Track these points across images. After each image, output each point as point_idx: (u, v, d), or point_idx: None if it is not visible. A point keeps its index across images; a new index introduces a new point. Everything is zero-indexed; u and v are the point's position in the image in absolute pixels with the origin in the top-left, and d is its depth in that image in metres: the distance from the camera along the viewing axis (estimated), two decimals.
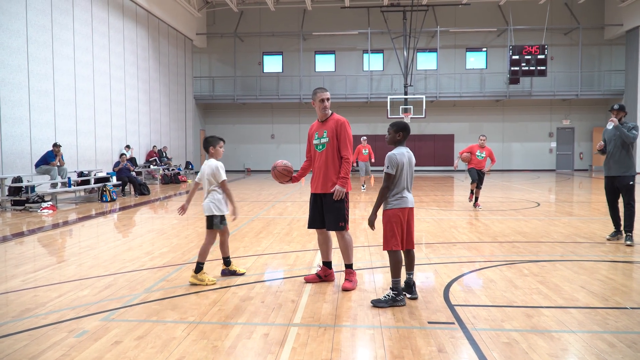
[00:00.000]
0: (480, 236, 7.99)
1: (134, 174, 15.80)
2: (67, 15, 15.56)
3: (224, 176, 5.37)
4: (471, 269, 5.84)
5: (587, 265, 5.97)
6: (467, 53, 28.53)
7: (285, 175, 5.38)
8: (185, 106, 26.52)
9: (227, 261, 5.57)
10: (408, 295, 4.65)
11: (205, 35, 28.46)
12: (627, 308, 4.39)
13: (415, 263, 6.07)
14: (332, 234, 5.32)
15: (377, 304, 4.47)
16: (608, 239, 7.50)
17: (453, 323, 4.05)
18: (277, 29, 28.22)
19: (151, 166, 19.95)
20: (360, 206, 12.13)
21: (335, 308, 4.44)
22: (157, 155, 21.17)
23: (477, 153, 11.49)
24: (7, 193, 11.52)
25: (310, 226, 5.34)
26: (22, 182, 11.94)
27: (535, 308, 4.41)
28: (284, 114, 29.29)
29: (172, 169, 20.68)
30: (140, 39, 20.88)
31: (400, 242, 4.52)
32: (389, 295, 4.49)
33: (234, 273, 5.54)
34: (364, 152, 16.11)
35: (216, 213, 5.36)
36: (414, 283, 4.70)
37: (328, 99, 5.18)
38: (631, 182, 7.24)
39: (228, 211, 5.45)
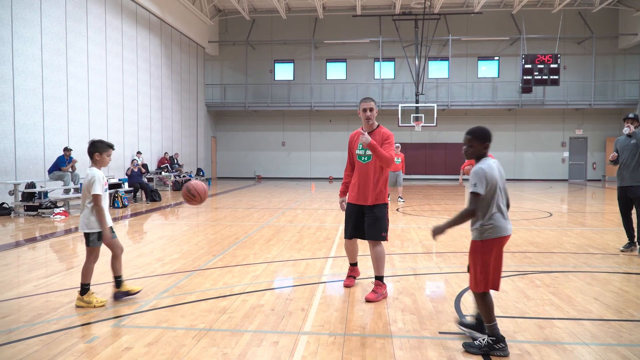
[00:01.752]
0: None
1: (145, 180, 15.90)
2: (81, 23, 15.77)
3: (96, 190, 4.65)
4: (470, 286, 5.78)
5: (601, 277, 5.89)
6: (479, 62, 28.45)
7: (191, 198, 4.98)
8: (196, 113, 26.70)
9: (117, 281, 4.88)
10: (479, 335, 3.77)
11: (217, 43, 28.68)
12: None
13: (426, 272, 6.06)
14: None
15: (468, 348, 3.66)
16: (622, 250, 7.41)
17: (464, 333, 4.01)
18: (289, 37, 28.37)
19: (162, 173, 20.06)
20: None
21: (345, 317, 4.42)
22: (169, 162, 21.30)
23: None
24: (20, 199, 11.63)
25: (352, 236, 5.25)
26: (35, 187, 12.06)
27: (548, 319, 4.36)
28: (294, 122, 29.37)
29: (183, 176, 20.79)
30: (153, 46, 21.09)
31: (493, 281, 3.63)
32: (483, 340, 3.62)
33: (127, 294, 4.87)
34: (396, 160, 13.73)
35: (88, 231, 4.73)
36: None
37: (371, 109, 5.15)
38: None
39: (101, 227, 4.74)
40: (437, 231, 3.75)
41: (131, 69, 19.22)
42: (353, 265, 5.57)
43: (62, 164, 12.88)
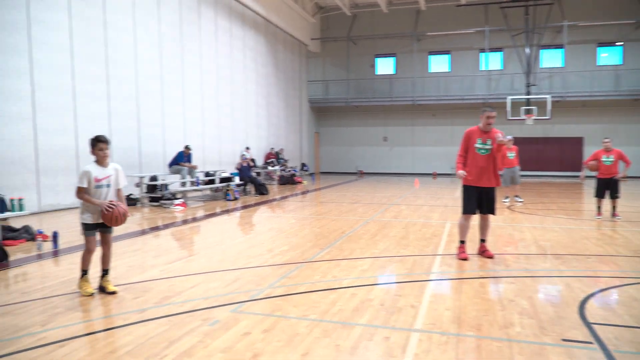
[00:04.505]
0: (618, 249, 7.28)
1: (254, 174, 16.61)
2: (194, 26, 16.79)
3: (80, 183, 4.79)
4: (610, 284, 5.35)
5: None
6: (599, 49, 26.22)
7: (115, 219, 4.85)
8: (300, 109, 27.40)
9: (102, 272, 5.00)
10: None
11: (319, 40, 29.13)
12: None
13: (544, 274, 5.72)
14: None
15: None
16: None
17: (591, 343, 3.73)
18: (390, 31, 28.08)
19: (269, 167, 20.84)
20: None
21: (457, 316, 4.30)
22: (275, 157, 22.06)
23: (602, 158, 10.31)
24: (145, 190, 12.66)
25: (473, 212, 6.60)
26: (157, 180, 13.07)
27: None
28: (396, 117, 29.07)
29: (288, 170, 21.43)
30: (259, 45, 21.93)
31: None
32: None
33: (102, 289, 4.92)
34: (509, 155, 13.06)
35: (80, 221, 4.92)
36: None
37: (493, 117, 6.52)
38: None
39: (92, 219, 4.85)
40: None
41: (239, 68, 20.15)
42: (482, 241, 6.75)
43: (181, 159, 13.83)
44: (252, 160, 18.38)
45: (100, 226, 4.91)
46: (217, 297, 4.76)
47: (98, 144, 4.87)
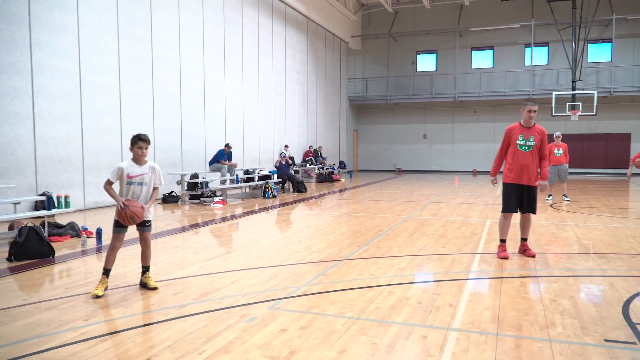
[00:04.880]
0: None
1: (292, 172, 16.73)
2: (237, 25, 17.04)
3: (110, 176, 4.89)
4: None
5: None
6: None
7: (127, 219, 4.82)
8: (339, 107, 27.40)
9: (143, 269, 5.09)
10: None
11: (360, 37, 29.04)
12: None
13: (586, 274, 5.56)
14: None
15: None
16: None
17: (636, 343, 3.62)
18: (432, 27, 27.71)
19: (307, 165, 20.94)
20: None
21: (497, 315, 4.23)
22: (313, 155, 22.16)
23: None
24: (186, 188, 12.96)
25: (512, 210, 6.45)
26: (198, 178, 13.35)
27: None
28: (436, 114, 28.69)
29: (327, 168, 21.48)
30: (299, 44, 22.06)
31: None
32: None
33: (144, 285, 5.01)
34: (556, 152, 12.72)
35: (114, 217, 4.94)
36: None
37: (535, 111, 6.36)
38: None
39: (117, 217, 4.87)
40: None
41: (280, 66, 20.33)
42: (523, 240, 6.60)
43: (221, 157, 14.08)
44: (291, 158, 18.53)
45: (138, 224, 5.00)
46: (254, 294, 4.83)
47: (138, 142, 4.90)
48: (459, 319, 4.17)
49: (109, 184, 4.88)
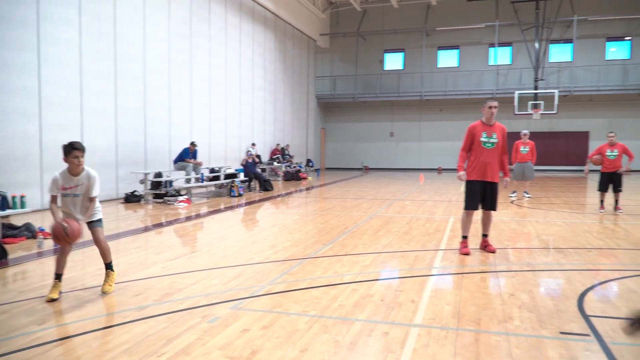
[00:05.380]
0: (619, 242, 7.25)
1: (259, 170, 16.63)
2: (204, 22, 16.82)
3: (49, 191, 4.65)
4: (609, 277, 5.33)
5: None
6: (607, 43, 25.97)
7: (61, 237, 4.46)
8: (307, 105, 27.39)
9: (106, 267, 4.92)
10: None
11: (329, 35, 29.08)
12: None
13: (545, 268, 5.70)
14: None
15: None
16: None
17: (588, 335, 3.74)
18: (400, 26, 27.97)
19: (275, 163, 20.86)
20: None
21: (457, 311, 4.29)
22: (280, 153, 22.09)
23: (607, 153, 10.31)
24: (149, 187, 12.72)
25: (475, 208, 6.57)
26: (162, 177, 13.12)
27: None
28: (404, 112, 28.99)
29: (294, 167, 21.44)
30: (268, 41, 21.94)
31: None
32: None
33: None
34: (522, 149, 12.96)
35: None
36: None
37: (496, 107, 6.49)
38: None
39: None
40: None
41: (248, 64, 20.18)
42: (485, 236, 6.72)
43: (186, 155, 13.87)
44: (258, 156, 18.41)
45: (88, 223, 4.84)
46: (217, 294, 4.78)
47: (73, 151, 4.55)
48: (421, 314, 4.22)
49: (54, 202, 4.63)
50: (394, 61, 29.11)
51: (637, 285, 5.04)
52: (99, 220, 4.94)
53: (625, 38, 25.73)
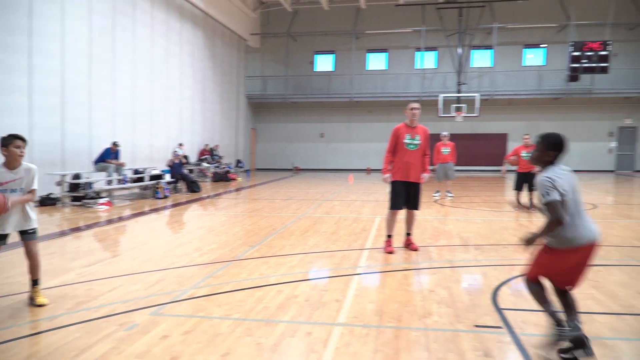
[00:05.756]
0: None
1: (186, 171, 16.23)
2: (128, 17, 16.18)
3: None
4: (522, 272, 5.62)
5: None
6: (525, 50, 27.59)
7: None
8: (237, 105, 27.05)
9: (32, 282, 4.57)
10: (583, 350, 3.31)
11: (259, 35, 28.88)
12: None
13: (463, 265, 5.95)
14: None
15: (563, 355, 3.38)
16: None
17: (501, 327, 3.94)
18: (330, 28, 28.27)
19: (203, 164, 20.44)
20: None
21: (380, 308, 4.39)
22: (209, 154, 21.68)
23: (522, 154, 10.99)
24: (67, 189, 12.06)
25: (400, 207, 6.74)
26: (80, 178, 12.48)
27: (589, 314, 4.21)
28: (334, 113, 29.33)
29: (223, 167, 21.11)
30: (196, 39, 21.45)
31: (541, 275, 3.58)
32: (556, 331, 3.43)
33: (32, 300, 4.49)
34: (443, 150, 13.37)
35: None
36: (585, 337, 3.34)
37: (417, 109, 6.71)
38: None
39: (8, 229, 4.43)
40: (529, 241, 3.52)
41: (175, 62, 19.63)
42: (408, 234, 6.93)
43: (107, 156, 13.29)
44: (185, 156, 17.96)
45: (21, 234, 4.49)
46: (136, 300, 4.60)
47: (15, 140, 4.30)
48: (345, 313, 4.27)
49: None
50: (324, 63, 29.38)
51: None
52: (34, 232, 4.56)
53: (541, 45, 27.43)
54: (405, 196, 6.70)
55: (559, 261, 3.44)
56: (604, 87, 25.91)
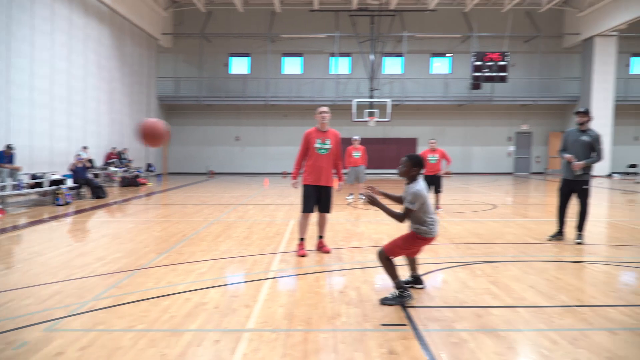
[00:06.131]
0: (438, 238, 8.06)
1: (90, 175, 15.37)
2: (25, 11, 15.05)
3: None
4: (427, 270, 5.88)
5: (537, 265, 6.11)
6: (432, 58, 28.97)
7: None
8: (148, 107, 26.01)
9: None
10: (417, 286, 5.01)
11: (171, 35, 28.02)
12: (570, 306, 4.50)
13: (373, 265, 6.11)
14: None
15: (385, 301, 4.57)
16: (549, 240, 7.73)
17: (405, 325, 4.07)
18: (245, 30, 28.03)
19: (110, 168, 19.46)
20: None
21: (290, 312, 4.38)
22: (117, 157, 20.68)
23: (428, 157, 11.55)
24: None
25: (311, 211, 6.74)
26: None
27: (485, 308, 4.48)
28: (249, 116, 29.10)
29: (132, 171, 20.22)
30: (103, 37, 20.39)
31: (397, 255, 4.68)
32: (395, 293, 4.59)
33: None
34: (354, 154, 13.64)
35: None
36: (418, 275, 5.08)
37: (326, 113, 6.80)
38: (586, 186, 7.46)
39: None
40: (374, 202, 4.59)
41: (79, 60, 18.53)
42: (321, 237, 6.99)
43: (1, 160, 12.27)
44: (90, 160, 17.00)
45: None
46: (28, 316, 4.26)
47: None
48: (254, 319, 4.23)
49: None
50: (239, 65, 29.08)
51: (449, 275, 5.64)
52: None
53: (447, 55, 28.93)
54: (316, 199, 6.76)
55: (417, 245, 4.69)
56: (503, 95, 27.84)
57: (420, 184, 4.58)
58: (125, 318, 4.23)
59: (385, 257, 4.60)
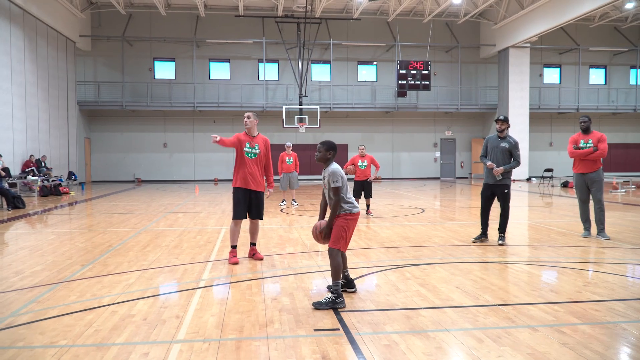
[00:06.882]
0: (369, 242, 8.27)
1: (6, 185, 14.41)
2: None
3: None
4: (360, 274, 6.02)
5: (463, 267, 6.41)
6: (359, 66, 29.62)
7: None
8: (67, 112, 24.72)
9: None
10: (349, 290, 5.18)
11: (90, 37, 26.85)
12: (494, 305, 4.77)
13: (306, 271, 6.18)
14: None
15: (318, 306, 4.67)
16: (473, 241, 8.14)
17: (338, 329, 4.14)
18: (169, 35, 27.37)
19: (28, 177, 18.33)
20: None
21: (221, 321, 4.35)
22: (35, 165, 19.51)
23: (359, 163, 11.83)
24: None
25: (242, 217, 6.71)
26: None
27: (415, 309, 4.64)
28: (177, 122, 28.40)
29: (53, 180, 19.16)
30: (14, 38, 19.18)
31: (345, 245, 4.88)
32: (329, 298, 4.70)
33: None
34: (287, 160, 13.80)
35: None
36: (351, 279, 5.30)
37: (249, 117, 6.71)
38: (507, 190, 7.93)
39: None
40: (327, 230, 4.88)
41: None
42: (253, 244, 7.00)
43: None
44: (5, 169, 15.93)
45: None
46: None
47: None
48: (185, 329, 4.15)
49: None
50: (165, 70, 28.33)
51: (382, 280, 5.79)
52: None
53: (373, 63, 29.69)
54: (247, 205, 6.71)
55: (352, 224, 4.87)
56: (428, 103, 28.96)
57: (335, 165, 4.97)
58: (47, 334, 4.02)
59: (337, 252, 4.77)
